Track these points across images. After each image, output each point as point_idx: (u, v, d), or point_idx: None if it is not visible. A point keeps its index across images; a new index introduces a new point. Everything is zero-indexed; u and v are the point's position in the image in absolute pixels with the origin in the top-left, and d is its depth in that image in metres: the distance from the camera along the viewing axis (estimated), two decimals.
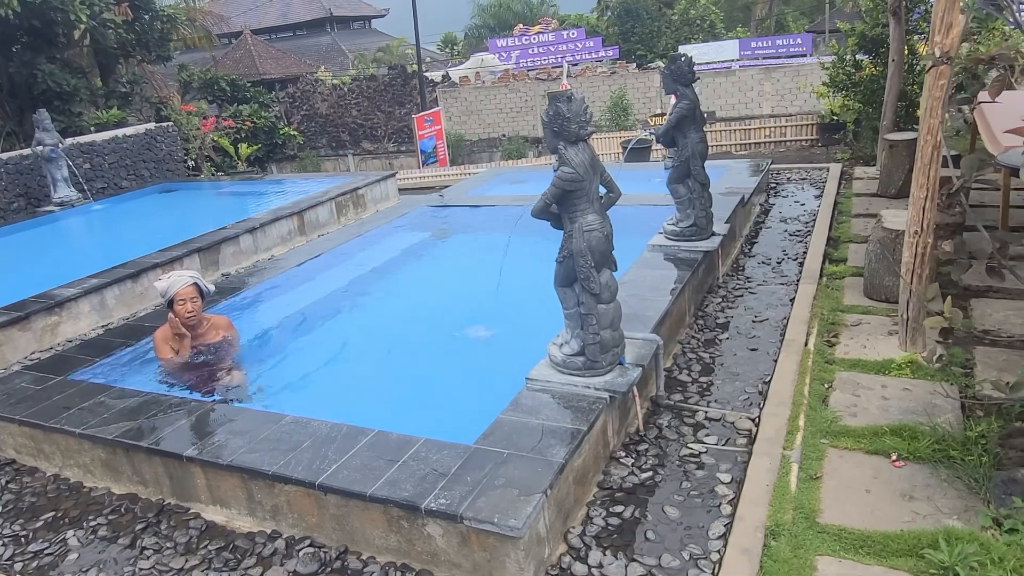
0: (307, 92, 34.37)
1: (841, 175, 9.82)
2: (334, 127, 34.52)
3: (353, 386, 4.99)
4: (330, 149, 34.51)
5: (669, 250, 6.17)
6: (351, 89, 33.78)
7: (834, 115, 12.34)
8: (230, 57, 40.18)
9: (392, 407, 4.61)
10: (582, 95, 3.82)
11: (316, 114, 34.20)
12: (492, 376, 4.78)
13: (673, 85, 5.90)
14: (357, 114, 34.28)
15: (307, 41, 52.27)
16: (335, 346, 5.62)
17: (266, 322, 6.04)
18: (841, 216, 8.00)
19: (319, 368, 5.30)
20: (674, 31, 38.61)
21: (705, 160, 6.07)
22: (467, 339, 5.47)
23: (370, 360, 5.43)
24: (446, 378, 4.96)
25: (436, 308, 6.23)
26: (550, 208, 3.88)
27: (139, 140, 13.33)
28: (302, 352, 5.55)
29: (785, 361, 4.91)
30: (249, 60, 39.80)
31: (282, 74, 39.81)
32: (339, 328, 6.00)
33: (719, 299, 6.13)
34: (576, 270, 3.89)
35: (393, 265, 7.55)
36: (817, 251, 6.89)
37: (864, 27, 10.17)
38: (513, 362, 4.49)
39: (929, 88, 4.33)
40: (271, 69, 39.83)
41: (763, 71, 24.72)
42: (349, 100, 34.08)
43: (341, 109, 34.17)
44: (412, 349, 5.50)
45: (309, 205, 9.75)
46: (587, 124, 3.75)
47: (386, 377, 5.06)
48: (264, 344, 5.65)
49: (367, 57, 46.72)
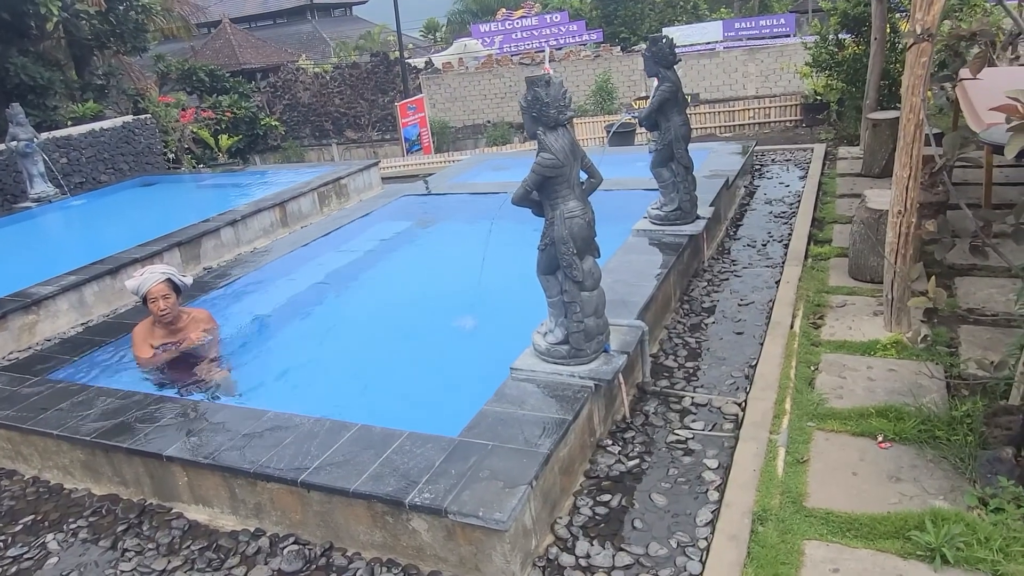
0: (289, 81, 33.97)
1: (825, 155, 9.81)
2: (317, 116, 34.18)
3: (336, 380, 4.93)
4: (313, 139, 34.19)
5: (654, 235, 6.12)
6: (333, 77, 33.43)
7: (818, 95, 12.31)
8: (209, 47, 39.64)
9: (375, 401, 4.56)
10: (560, 79, 3.76)
11: (298, 103, 33.84)
12: (476, 366, 4.73)
13: (655, 67, 5.83)
14: (340, 103, 33.94)
15: (288, 29, 51.65)
16: (317, 340, 5.56)
17: (248, 316, 5.95)
18: (826, 197, 7.99)
19: (301, 362, 5.24)
20: (657, 13, 38.37)
21: (688, 143, 6.02)
22: (451, 329, 5.41)
23: (353, 353, 5.37)
24: (430, 370, 4.91)
25: (419, 299, 6.17)
26: (531, 195, 3.82)
27: (117, 133, 13.12)
28: (284, 346, 5.48)
29: (771, 344, 4.90)
30: (229, 50, 39.30)
31: (263, 63, 39.36)
32: (321, 321, 5.93)
33: (705, 283, 6.10)
34: (558, 258, 3.84)
35: (375, 256, 7.47)
36: (802, 232, 6.87)
37: (846, 6, 10.12)
38: (498, 351, 4.45)
39: (911, 66, 4.29)
40: (252, 58, 39.37)
41: (747, 52, 24.63)
42: (331, 89, 33.72)
43: (324, 98, 33.83)
44: (395, 341, 5.44)
45: (291, 196, 9.63)
46: (566, 109, 3.69)
47: (369, 370, 4.99)
48: (246, 338, 5.57)
49: (349, 45, 46.23)
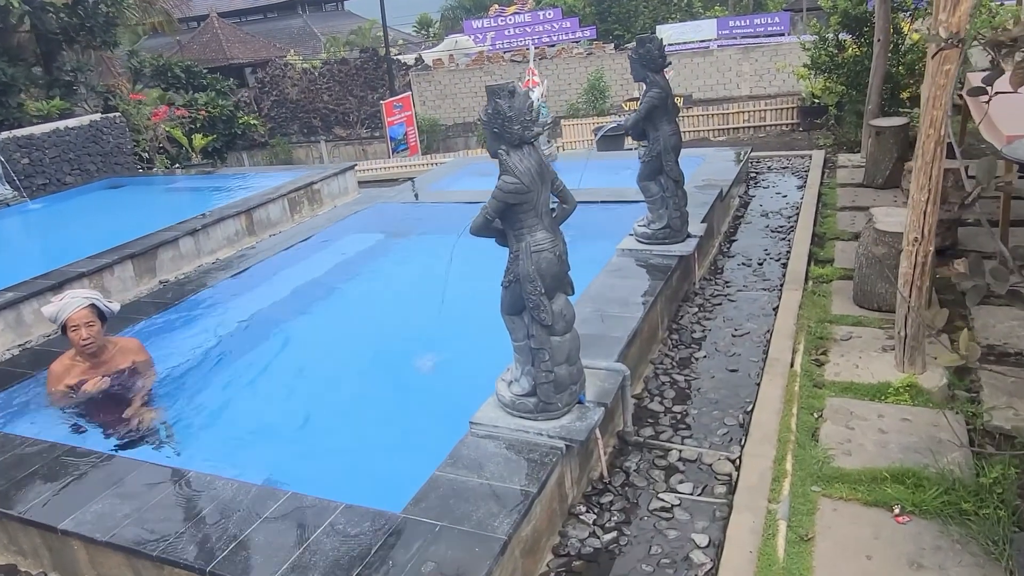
0: (276, 77, 33.31)
1: (824, 163, 9.28)
2: (305, 113, 33.53)
3: (274, 429, 4.36)
4: (302, 136, 33.55)
5: (640, 255, 5.58)
6: (322, 73, 32.79)
7: (815, 98, 11.79)
8: (196, 41, 38.95)
9: (315, 456, 4.00)
10: (526, 90, 3.21)
11: (286, 99, 33.18)
12: (435, 415, 4.19)
13: (642, 71, 5.28)
14: (328, 99, 33.30)
15: (278, 24, 50.95)
16: (260, 379, 4.97)
17: (188, 346, 5.37)
18: (826, 209, 7.46)
19: (239, 406, 4.67)
20: (651, 10, 37.88)
21: (679, 154, 5.48)
22: (409, 370, 4.83)
23: (295, 398, 4.76)
24: (382, 419, 4.35)
25: (377, 330, 5.58)
26: (492, 224, 3.27)
27: (83, 132, 12.48)
28: (220, 386, 4.90)
29: (769, 385, 4.36)
30: (216, 44, 38.60)
31: (251, 58, 38.68)
32: (267, 356, 5.33)
33: (695, 308, 5.56)
34: (524, 297, 3.29)
35: (335, 276, 6.85)
36: (801, 250, 6.34)
37: (847, 5, 9.60)
38: (461, 396, 3.91)
39: (932, 75, 3.75)
40: (239, 53, 38.65)
41: (741, 51, 24.12)
42: (320, 85, 33.08)
43: (312, 94, 33.20)
44: (344, 383, 4.85)
45: (259, 203, 9.06)
46: (532, 124, 3.14)
47: (311, 419, 4.42)
48: (182, 374, 4.99)
49: (339, 40, 45.55)
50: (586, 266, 5.57)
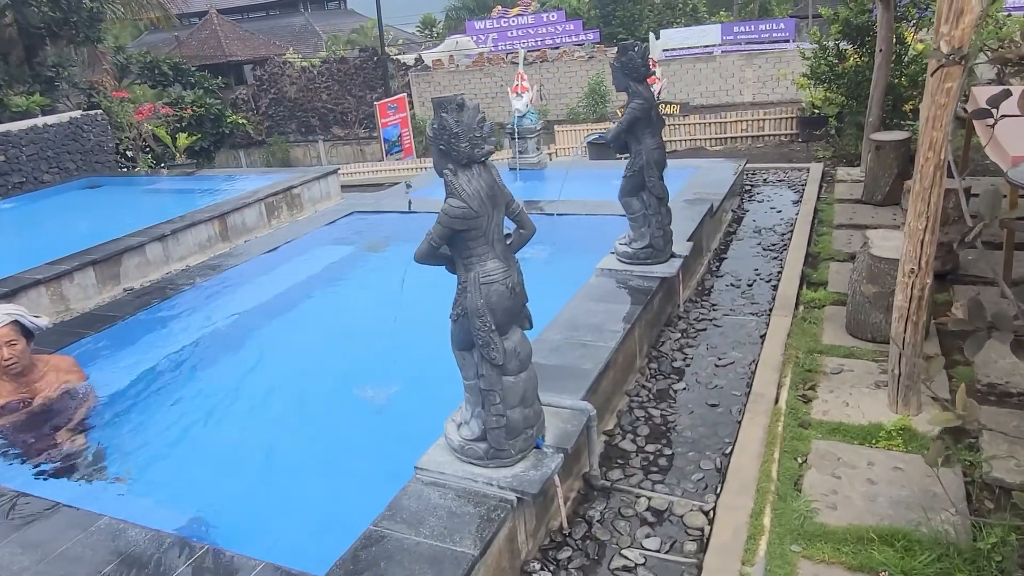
0: (275, 75, 33.08)
1: (822, 177, 8.94)
2: (303, 112, 33.29)
3: (206, 466, 4.02)
4: (299, 134, 33.29)
5: (620, 275, 5.24)
6: (320, 72, 32.54)
7: (816, 108, 11.45)
8: (195, 38, 38.69)
9: (247, 499, 3.66)
10: (477, 103, 2.87)
11: (284, 98, 32.94)
12: (381, 455, 3.85)
13: (624, 80, 4.95)
14: (327, 98, 33.05)
15: (280, 22, 50.71)
16: (197, 408, 4.61)
17: (130, 367, 5.02)
18: (822, 227, 7.12)
19: (172, 438, 4.31)
20: (656, 15, 37.59)
21: (663, 169, 5.14)
22: (359, 402, 4.47)
23: (233, 431, 4.40)
24: (323, 459, 4.00)
25: (327, 357, 5.20)
26: (438, 251, 2.93)
27: (63, 130, 12.16)
28: (157, 413, 4.56)
29: (750, 424, 4.03)
30: (215, 41, 38.33)
31: (250, 56, 38.41)
32: (208, 383, 4.94)
33: (678, 334, 5.23)
34: (472, 333, 2.95)
35: (298, 292, 6.48)
36: (793, 272, 6.00)
37: (848, 13, 9.27)
38: (411, 434, 3.57)
39: (932, 93, 3.42)
40: (238, 50, 38.37)
41: (744, 57, 23.80)
42: (319, 83, 32.83)
43: (310, 93, 32.95)
44: (287, 418, 4.47)
45: (233, 207, 8.73)
46: (483, 141, 2.80)
47: (248, 456, 4.07)
48: (119, 398, 4.64)
49: (341, 39, 45.27)
50: (561, 287, 5.25)
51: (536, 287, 6.05)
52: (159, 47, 37.63)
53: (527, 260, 6.61)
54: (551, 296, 5.30)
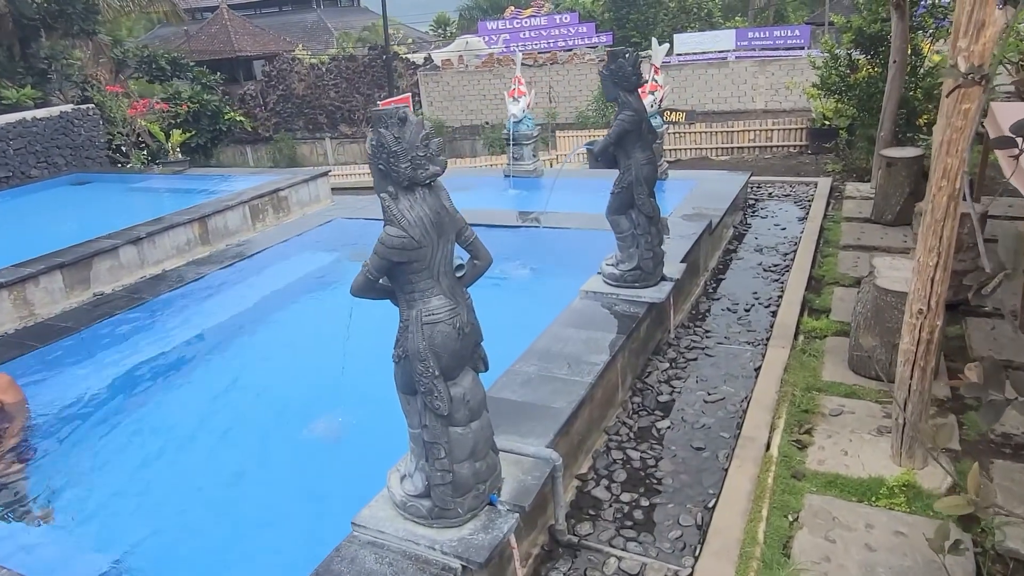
0: (284, 71, 32.89)
1: (830, 192, 8.54)
2: (311, 109, 33.07)
3: (132, 507, 3.66)
4: (307, 132, 33.10)
5: (606, 299, 4.88)
6: (329, 69, 32.31)
7: (826, 120, 11.01)
8: (205, 32, 38.65)
9: (167, 556, 3.30)
10: (421, 117, 2.51)
11: (292, 94, 32.74)
12: (321, 504, 3.48)
13: (613, 90, 4.58)
14: (335, 96, 32.82)
15: (292, 18, 50.64)
16: (137, 439, 4.24)
17: (75, 387, 4.68)
18: (827, 247, 6.73)
19: (102, 472, 3.96)
20: (670, 18, 37.15)
21: (653, 186, 4.76)
22: (307, 438, 4.09)
23: (170, 467, 4.01)
24: (260, 506, 3.63)
25: (288, 383, 4.81)
26: (376, 285, 2.58)
27: (52, 123, 11.87)
28: (91, 444, 4.20)
29: (738, 473, 3.65)
30: (225, 36, 38.25)
31: (260, 51, 38.33)
32: (156, 409, 4.58)
33: (667, 363, 4.85)
34: (414, 379, 2.60)
35: (265, 308, 6.08)
36: (795, 297, 5.61)
37: (861, 22, 8.85)
38: (355, 480, 3.22)
39: (948, 115, 3.03)
40: (247, 46, 38.28)
41: (757, 64, 23.37)
42: (327, 81, 32.61)
43: (318, 90, 32.73)
44: (230, 455, 4.07)
45: (215, 209, 8.40)
46: (428, 161, 2.45)
47: (183, 499, 3.71)
48: (56, 423, 4.30)
49: (352, 36, 45.10)
50: (542, 309, 4.90)
51: (515, 308, 5.69)
52: (171, 40, 37.57)
53: (507, 279, 6.23)
54: (530, 319, 4.96)
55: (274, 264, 6.83)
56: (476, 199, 8.81)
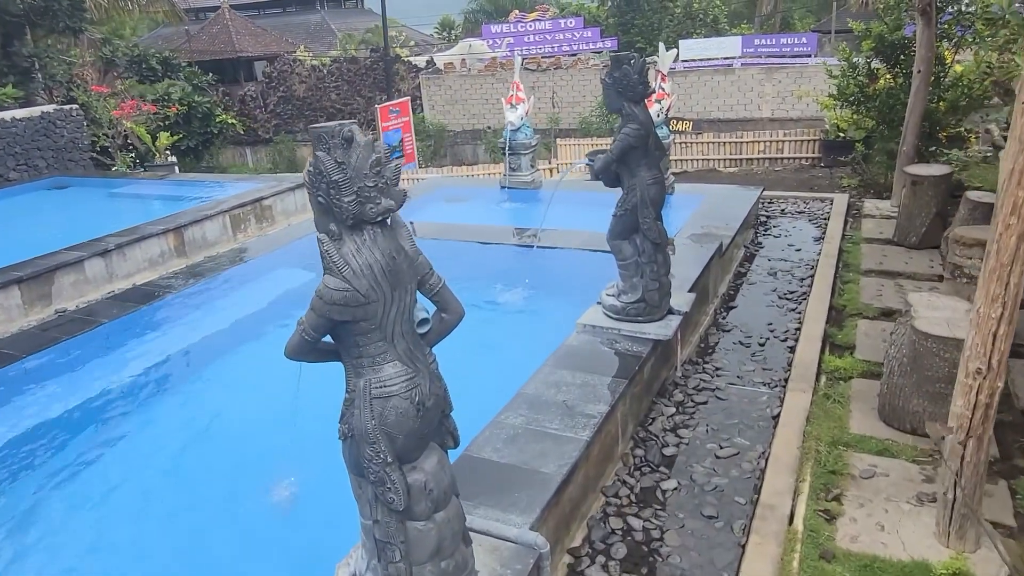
0: (284, 73, 32.52)
1: (848, 209, 8.01)
2: (312, 111, 32.67)
3: None
4: (307, 134, 32.69)
5: (605, 334, 4.35)
6: (331, 71, 31.91)
7: (840, 131, 10.48)
8: (206, 32, 38.30)
9: None
10: (372, 138, 1.99)
11: (293, 96, 32.36)
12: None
13: (617, 100, 4.06)
14: (336, 98, 32.44)
15: (296, 18, 50.38)
16: (73, 492, 3.68)
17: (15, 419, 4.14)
18: (847, 272, 6.20)
19: (29, 530, 3.43)
20: (676, 25, 36.74)
21: (661, 208, 4.24)
22: (254, 513, 3.51)
23: (101, 529, 3.47)
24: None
25: (246, 433, 4.23)
26: (316, 346, 2.06)
27: (33, 124, 11.39)
28: (16, 497, 3.66)
29: (757, 555, 3.12)
30: (226, 36, 37.89)
31: (261, 52, 37.97)
32: (97, 458, 4.01)
33: (673, 407, 4.32)
34: (362, 463, 2.08)
35: (227, 338, 5.48)
36: (814, 331, 5.08)
37: (883, 28, 8.33)
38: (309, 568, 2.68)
39: (1020, 138, 2.51)
40: (248, 46, 37.89)
41: (764, 71, 22.87)
42: (328, 83, 32.23)
43: (319, 92, 32.35)
44: (170, 517, 3.50)
45: (192, 219, 7.90)
46: (380, 194, 1.93)
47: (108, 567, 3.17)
48: None
49: (355, 38, 44.77)
50: (533, 345, 4.38)
51: (503, 342, 5.11)
52: (173, 40, 37.16)
53: (496, 307, 5.66)
54: (521, 356, 4.44)
55: (245, 284, 6.27)
56: (468, 212, 8.31)
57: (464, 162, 27.11)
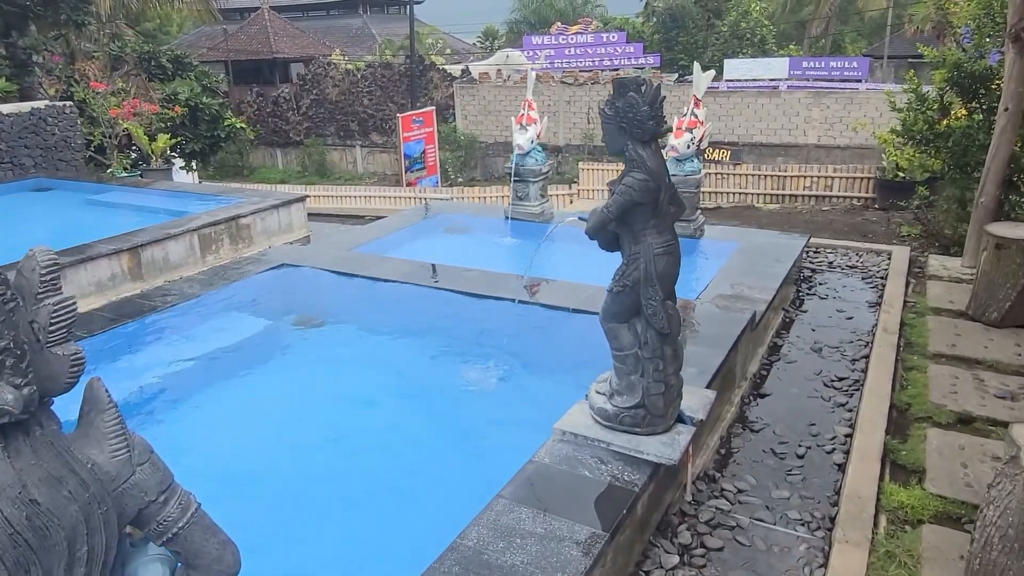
0: (318, 75, 32.24)
1: (909, 266, 6.79)
2: (344, 115, 32.36)
3: None
4: (338, 138, 32.41)
5: (591, 449, 3.25)
6: (364, 76, 31.49)
7: (900, 171, 9.21)
8: (244, 32, 38.38)
9: None
10: None
11: (326, 100, 32.07)
12: None
13: (619, 139, 2.97)
14: (368, 103, 32.06)
15: (338, 22, 50.53)
16: None
17: None
18: (912, 355, 5.01)
19: None
20: (721, 43, 35.55)
21: (672, 286, 3.13)
22: None
23: None
24: None
25: None
26: None
27: (21, 121, 10.68)
28: None
29: None
30: (264, 37, 37.87)
31: (297, 54, 37.90)
32: None
33: (676, 555, 3.19)
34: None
35: (156, 399, 4.53)
36: (871, 443, 3.91)
37: (960, 57, 7.11)
38: None
39: None
40: (285, 48, 37.78)
41: (812, 95, 21.59)
42: (361, 88, 31.86)
43: (352, 96, 32.00)
44: None
45: (152, 238, 6.98)
46: None
47: None
48: None
49: (395, 43, 44.45)
50: (496, 451, 3.32)
51: (456, 446, 3.99)
52: (214, 38, 37.08)
53: (457, 392, 4.55)
54: (477, 468, 3.38)
55: (192, 326, 5.29)
56: (464, 247, 7.27)
57: (495, 175, 26.25)
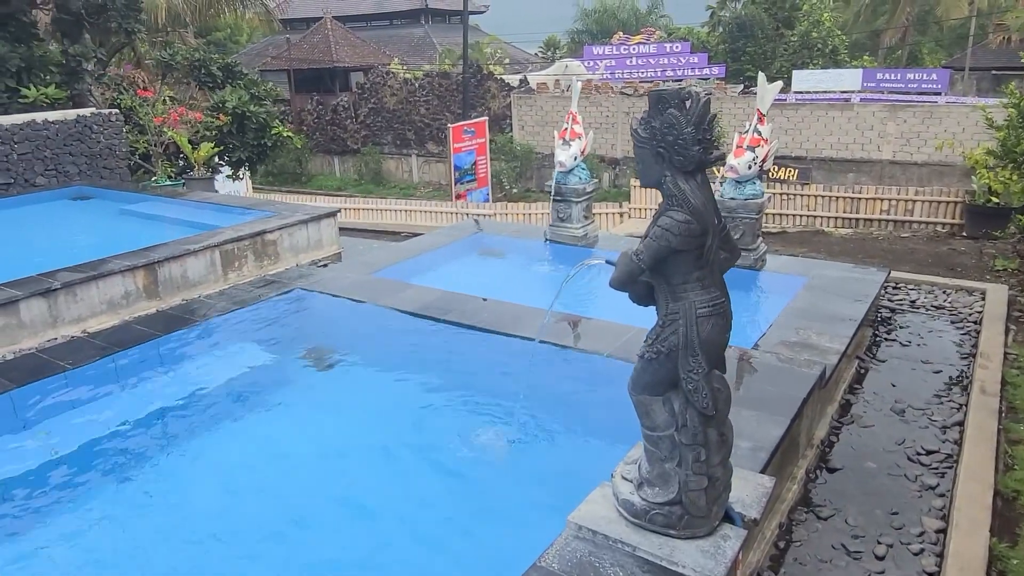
0: (377, 84, 32.43)
1: (1009, 309, 5.88)
2: (400, 124, 32.47)
3: None
4: (394, 147, 32.58)
5: (612, 553, 2.59)
6: (422, 85, 31.49)
7: (992, 195, 8.16)
8: (307, 41, 39.09)
9: None
10: None
11: (383, 108, 32.24)
12: None
13: (656, 167, 2.32)
14: (425, 112, 32.10)
15: (400, 32, 51.14)
16: None
17: None
18: (1016, 423, 4.18)
19: None
20: (791, 54, 34.22)
21: (722, 351, 2.46)
22: None
23: None
24: None
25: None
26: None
27: (66, 128, 10.65)
28: None
29: None
30: (325, 46, 38.50)
31: (357, 63, 38.33)
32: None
33: None
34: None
35: (148, 442, 4.06)
36: (971, 548, 3.14)
37: None
38: None
39: None
40: (346, 57, 38.28)
41: (887, 108, 20.33)
42: (419, 96, 31.92)
43: (409, 105, 32.07)
44: None
45: (171, 254, 6.63)
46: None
47: None
48: None
49: (455, 53, 44.56)
50: (489, 550, 2.71)
51: (455, 534, 3.25)
52: (281, 47, 37.78)
53: (461, 459, 3.79)
54: (475, 562, 2.76)
55: (196, 356, 4.83)
56: (497, 272, 6.68)
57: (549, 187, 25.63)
